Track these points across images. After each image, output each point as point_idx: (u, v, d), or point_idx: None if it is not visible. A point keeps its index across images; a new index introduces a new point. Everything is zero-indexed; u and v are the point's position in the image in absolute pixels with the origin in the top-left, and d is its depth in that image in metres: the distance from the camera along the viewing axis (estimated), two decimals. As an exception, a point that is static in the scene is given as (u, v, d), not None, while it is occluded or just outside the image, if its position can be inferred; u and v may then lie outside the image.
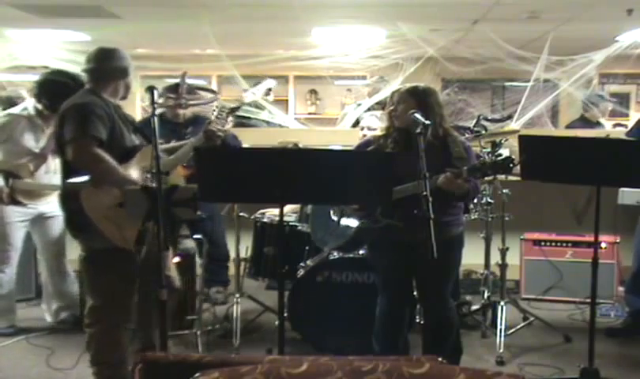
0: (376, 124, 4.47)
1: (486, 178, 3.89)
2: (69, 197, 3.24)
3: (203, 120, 4.74)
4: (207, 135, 3.52)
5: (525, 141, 3.49)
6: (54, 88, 4.08)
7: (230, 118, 4.16)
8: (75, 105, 3.25)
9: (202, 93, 5.02)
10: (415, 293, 3.56)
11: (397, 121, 3.37)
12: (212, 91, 5.65)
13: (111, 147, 3.19)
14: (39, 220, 4.51)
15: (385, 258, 3.48)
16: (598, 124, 6.50)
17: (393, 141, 3.37)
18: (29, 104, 4.34)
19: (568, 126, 6.79)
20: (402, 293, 3.50)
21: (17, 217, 4.40)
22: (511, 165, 3.10)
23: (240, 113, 5.35)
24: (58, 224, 4.52)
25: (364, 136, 4.31)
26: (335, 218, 3.76)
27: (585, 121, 6.52)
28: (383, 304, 3.52)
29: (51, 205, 4.44)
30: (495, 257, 4.63)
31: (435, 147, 3.25)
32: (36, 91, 4.24)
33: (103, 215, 3.12)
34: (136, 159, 3.33)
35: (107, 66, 3.35)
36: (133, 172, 3.27)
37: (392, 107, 3.41)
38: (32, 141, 4.30)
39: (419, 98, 3.32)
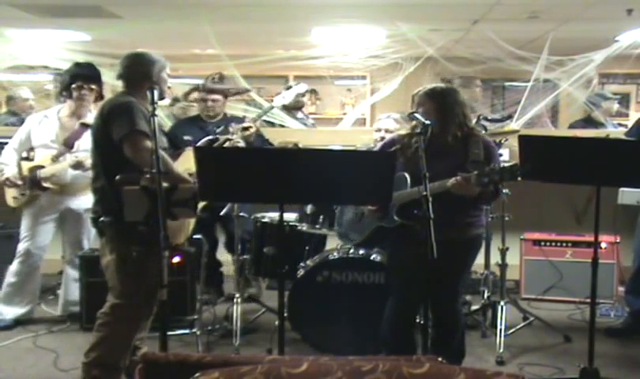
0: (393, 126, 4.55)
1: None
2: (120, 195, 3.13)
3: (235, 120, 4.79)
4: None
5: (525, 141, 3.49)
6: None
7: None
8: (119, 103, 3.28)
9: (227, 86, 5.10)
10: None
11: None
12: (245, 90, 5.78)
13: None
14: (69, 216, 4.62)
15: (401, 258, 3.46)
16: (602, 124, 6.45)
17: (417, 141, 3.37)
18: None
19: (571, 126, 6.77)
20: (416, 293, 3.47)
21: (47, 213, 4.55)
22: (518, 172, 3.08)
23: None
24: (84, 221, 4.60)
25: (382, 138, 4.35)
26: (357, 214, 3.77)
27: (588, 122, 6.49)
28: (395, 304, 3.48)
29: (81, 202, 4.53)
30: (495, 257, 4.63)
31: (455, 148, 3.26)
32: None
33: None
34: (179, 161, 3.41)
35: (132, 71, 3.36)
36: None
37: (413, 110, 3.42)
38: None
39: (436, 99, 3.33)
